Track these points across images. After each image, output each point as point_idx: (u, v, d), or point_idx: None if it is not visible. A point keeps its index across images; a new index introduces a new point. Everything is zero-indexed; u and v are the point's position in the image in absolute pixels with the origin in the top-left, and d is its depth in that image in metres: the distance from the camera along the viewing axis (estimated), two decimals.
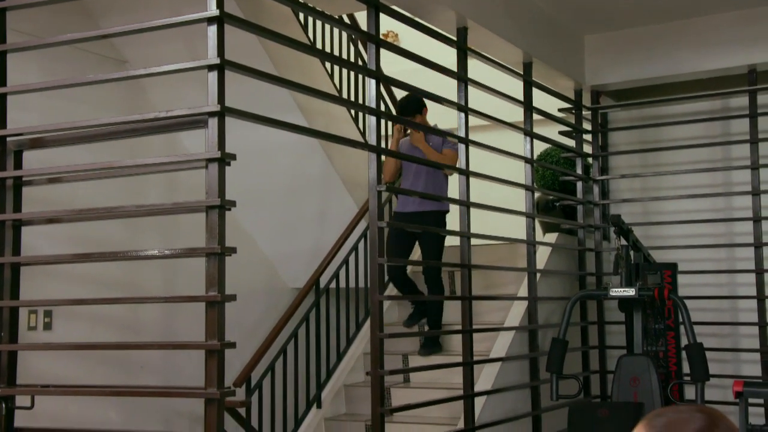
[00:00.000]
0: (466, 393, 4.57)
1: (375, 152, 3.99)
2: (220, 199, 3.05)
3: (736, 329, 5.85)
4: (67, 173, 3.36)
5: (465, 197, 4.64)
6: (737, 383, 3.97)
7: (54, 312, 4.60)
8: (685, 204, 6.06)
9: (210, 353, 3.06)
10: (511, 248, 5.93)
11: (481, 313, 5.50)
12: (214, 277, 3.07)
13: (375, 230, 3.95)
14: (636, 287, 4.69)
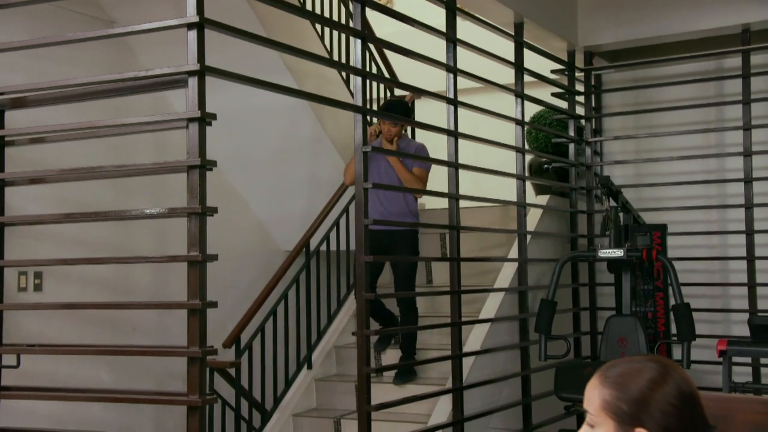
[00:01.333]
0: (454, 353, 4.60)
1: (361, 113, 3.97)
2: (201, 158, 3.04)
3: (726, 290, 5.87)
4: (50, 133, 3.35)
5: (453, 159, 4.64)
6: (721, 342, 4.00)
7: (44, 274, 4.62)
8: (678, 166, 6.04)
9: (192, 312, 3.07)
10: (503, 211, 5.93)
11: (472, 275, 5.52)
12: (196, 236, 3.07)
13: (360, 191, 3.95)
14: (624, 248, 4.70)
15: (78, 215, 3.37)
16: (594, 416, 1.55)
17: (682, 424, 1.50)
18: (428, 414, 4.79)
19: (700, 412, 1.53)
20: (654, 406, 1.50)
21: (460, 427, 4.56)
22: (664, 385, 1.51)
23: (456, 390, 4.58)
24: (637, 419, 1.51)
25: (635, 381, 1.53)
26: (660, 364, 1.56)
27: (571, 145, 5.98)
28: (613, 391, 1.53)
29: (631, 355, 1.66)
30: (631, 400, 1.51)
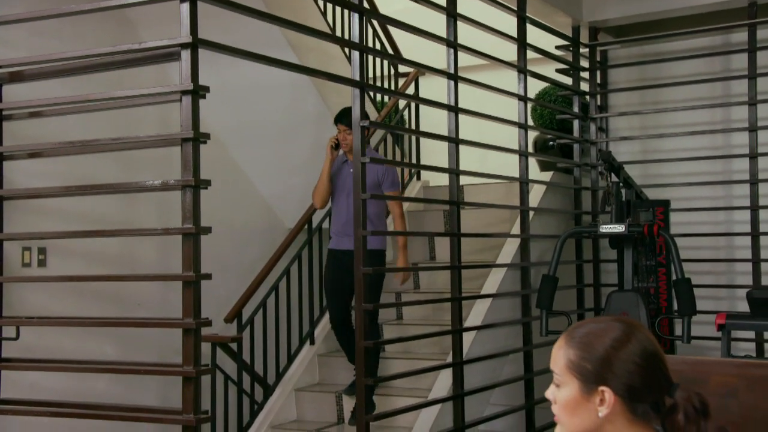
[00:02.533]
0: (455, 328, 4.62)
1: (359, 87, 3.98)
2: (194, 131, 3.06)
3: (731, 267, 5.84)
4: (47, 106, 3.38)
5: (454, 134, 4.63)
6: (720, 316, 3.99)
7: (48, 249, 4.66)
8: (683, 142, 6.00)
9: (186, 284, 3.10)
10: (508, 188, 5.92)
11: (475, 252, 5.52)
12: (190, 209, 3.10)
13: (358, 166, 3.95)
14: (626, 224, 4.69)
15: (74, 188, 3.40)
16: (559, 376, 1.57)
17: (645, 382, 1.51)
18: (428, 389, 4.81)
19: (664, 370, 1.54)
20: (617, 365, 1.51)
21: (460, 401, 4.57)
22: (627, 344, 1.52)
23: (456, 365, 4.60)
24: (601, 378, 1.52)
25: (599, 341, 1.54)
26: (624, 324, 1.57)
27: (576, 121, 5.96)
28: (578, 351, 1.54)
29: (598, 317, 1.66)
30: (595, 359, 1.52)
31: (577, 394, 1.54)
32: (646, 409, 1.53)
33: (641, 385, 1.51)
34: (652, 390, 1.53)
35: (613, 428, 1.54)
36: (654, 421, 1.56)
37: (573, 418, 1.55)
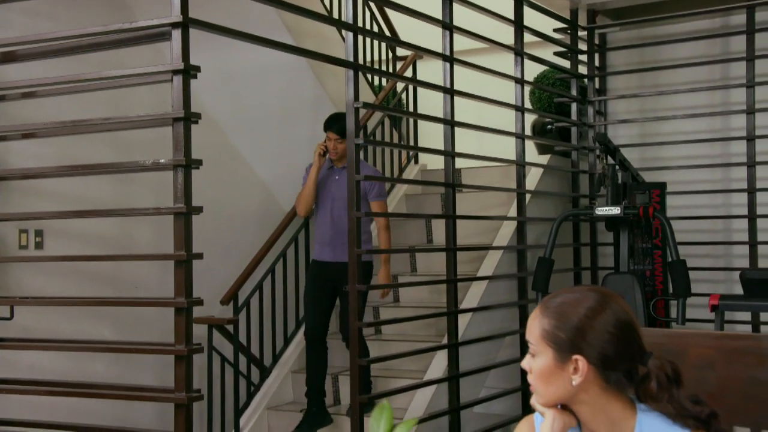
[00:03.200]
0: (450, 310, 4.63)
1: (352, 68, 3.98)
2: (185, 111, 3.07)
3: (729, 250, 5.84)
4: (40, 86, 3.38)
5: (449, 116, 4.63)
6: (713, 297, 3.99)
7: (45, 232, 4.68)
8: (682, 125, 5.99)
9: (178, 263, 3.12)
10: (506, 172, 5.91)
11: (471, 235, 5.53)
12: (181, 189, 3.11)
13: (352, 147, 3.96)
14: (622, 206, 4.69)
15: (67, 167, 3.41)
16: (534, 345, 1.58)
17: (618, 351, 1.53)
18: (424, 371, 4.83)
19: (637, 339, 1.55)
20: (591, 334, 1.52)
21: (455, 382, 4.60)
22: (601, 313, 1.53)
23: (451, 346, 4.62)
24: (575, 347, 1.53)
25: (574, 310, 1.55)
26: (599, 294, 1.57)
27: (574, 104, 5.95)
28: (552, 321, 1.56)
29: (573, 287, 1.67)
30: (569, 328, 1.53)
31: (551, 363, 1.55)
32: (619, 377, 1.54)
33: (614, 354, 1.53)
34: (625, 359, 1.54)
35: (587, 396, 1.55)
36: (627, 389, 1.57)
37: (548, 386, 1.57)
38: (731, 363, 1.75)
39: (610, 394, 1.55)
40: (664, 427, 1.52)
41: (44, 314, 4.50)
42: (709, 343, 1.78)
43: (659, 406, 1.53)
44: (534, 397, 1.62)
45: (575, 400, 1.56)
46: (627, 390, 1.57)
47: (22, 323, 4.38)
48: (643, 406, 1.56)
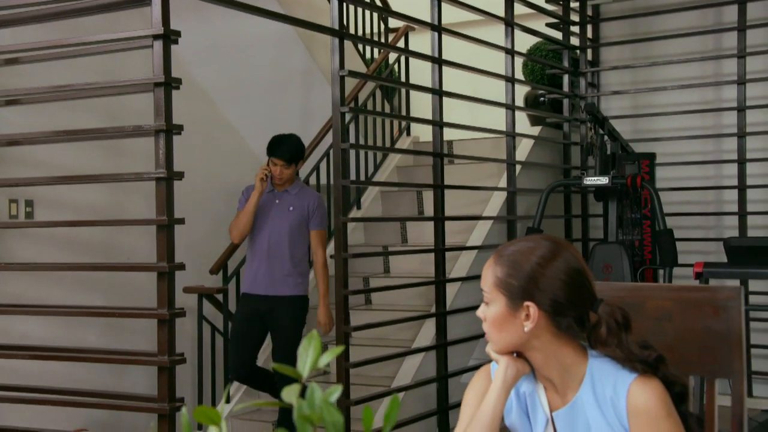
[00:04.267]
0: (438, 279, 4.66)
1: (338, 37, 3.98)
2: (165, 76, 3.08)
3: (720, 221, 5.85)
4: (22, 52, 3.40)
5: (438, 86, 4.64)
6: (698, 265, 4.01)
7: (35, 202, 4.71)
8: (674, 96, 5.98)
9: (160, 228, 3.15)
10: (498, 144, 5.91)
11: (462, 206, 5.54)
12: (162, 155, 3.13)
13: (337, 118, 3.97)
14: (610, 176, 4.70)
15: (52, 133, 3.43)
16: (488, 293, 1.60)
17: (569, 297, 1.55)
18: (412, 340, 4.87)
19: (588, 286, 1.57)
20: (543, 282, 1.54)
21: (443, 351, 4.63)
22: (553, 261, 1.55)
23: (439, 315, 4.65)
24: (526, 293, 1.55)
25: (526, 259, 1.57)
26: (551, 242, 1.59)
27: (566, 76, 5.94)
28: (505, 269, 1.58)
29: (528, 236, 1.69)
30: (521, 276, 1.55)
31: (504, 310, 1.57)
32: (570, 323, 1.57)
33: (565, 301, 1.55)
34: (576, 305, 1.56)
35: (539, 343, 1.57)
36: (579, 335, 1.59)
37: (501, 333, 1.59)
38: (687, 314, 1.77)
39: (561, 340, 1.57)
40: (612, 371, 1.55)
41: (35, 283, 4.54)
42: (666, 296, 1.80)
43: (608, 351, 1.56)
44: (488, 346, 1.65)
45: (528, 346, 1.58)
46: (579, 337, 1.60)
47: (12, 292, 4.42)
48: (594, 352, 1.59)
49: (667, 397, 1.52)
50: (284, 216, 4.48)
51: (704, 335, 1.75)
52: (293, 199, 4.53)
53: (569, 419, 1.58)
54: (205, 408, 0.95)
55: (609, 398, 1.53)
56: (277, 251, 4.44)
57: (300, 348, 1.00)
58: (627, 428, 1.52)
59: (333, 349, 0.98)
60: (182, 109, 4.87)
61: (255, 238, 4.52)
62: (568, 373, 1.58)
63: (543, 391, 1.63)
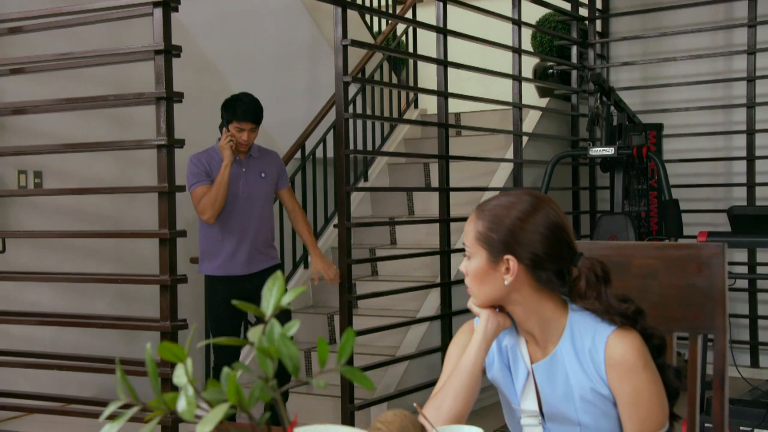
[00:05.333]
0: (442, 249, 4.68)
1: (340, 5, 3.98)
2: (165, 43, 3.09)
3: (729, 193, 5.82)
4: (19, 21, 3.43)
5: (443, 57, 4.63)
6: (701, 234, 3.98)
7: (44, 173, 4.77)
8: (684, 68, 5.94)
9: (161, 195, 3.17)
10: (505, 115, 5.90)
11: (469, 178, 5.54)
12: (162, 121, 3.15)
13: (340, 86, 3.98)
14: (616, 146, 4.68)
15: (53, 102, 3.46)
16: (470, 248, 1.61)
17: (548, 251, 1.56)
18: (417, 310, 4.89)
19: (568, 241, 1.58)
20: (523, 235, 1.55)
21: (447, 320, 4.66)
22: (534, 216, 1.56)
23: (444, 285, 4.68)
24: (506, 247, 1.56)
25: (507, 213, 1.58)
26: (532, 197, 1.60)
27: (574, 47, 5.90)
28: (486, 223, 1.58)
29: (510, 191, 1.70)
30: (502, 230, 1.56)
31: (485, 264, 1.58)
32: (550, 276, 1.58)
33: (545, 254, 1.56)
34: (556, 259, 1.57)
35: (520, 296, 1.59)
36: (560, 289, 1.60)
37: (482, 287, 1.60)
38: (672, 272, 1.77)
39: (541, 293, 1.59)
40: (592, 324, 1.56)
41: (44, 254, 4.60)
42: (651, 254, 1.81)
43: (588, 304, 1.57)
44: (470, 301, 1.66)
45: (508, 300, 1.60)
46: (559, 291, 1.61)
47: (22, 262, 4.49)
48: (574, 306, 1.60)
49: (644, 349, 1.54)
50: (258, 184, 4.02)
51: (688, 292, 1.75)
52: (261, 164, 4.07)
53: (549, 371, 1.59)
54: (169, 344, 0.97)
55: (588, 350, 1.54)
56: (259, 225, 4.01)
57: (264, 289, 1.02)
58: (605, 380, 1.54)
59: (295, 289, 0.99)
60: (190, 80, 4.93)
61: (228, 215, 3.95)
62: (548, 326, 1.59)
63: (524, 344, 1.64)
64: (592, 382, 1.55)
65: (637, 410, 1.52)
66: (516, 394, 1.65)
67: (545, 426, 1.62)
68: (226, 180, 3.88)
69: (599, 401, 1.55)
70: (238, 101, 4.01)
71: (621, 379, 1.52)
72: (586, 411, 1.56)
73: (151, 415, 0.99)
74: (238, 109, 3.97)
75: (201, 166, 3.94)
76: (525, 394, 1.63)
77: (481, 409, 4.87)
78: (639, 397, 1.52)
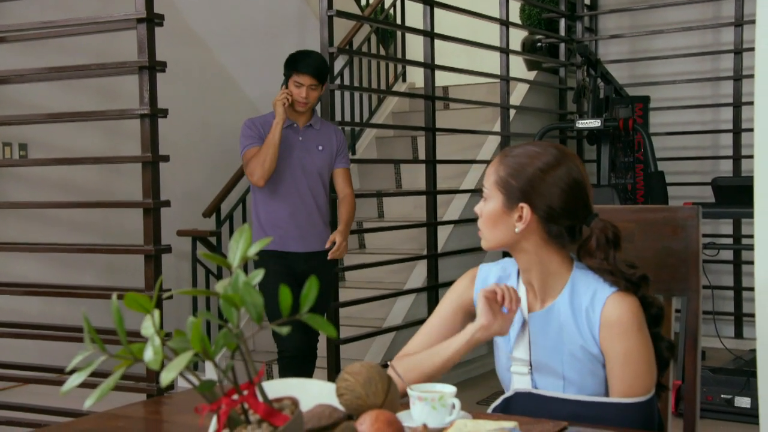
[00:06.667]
0: (429, 221, 4.70)
1: None
2: (147, 12, 3.07)
3: (717, 165, 5.84)
4: None
5: (429, 28, 4.61)
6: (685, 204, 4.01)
7: (29, 146, 4.75)
8: (672, 41, 5.93)
9: (144, 166, 3.17)
10: (494, 88, 5.89)
11: (457, 151, 5.55)
12: (145, 91, 3.14)
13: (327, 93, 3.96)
14: (602, 119, 4.69)
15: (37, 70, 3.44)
16: (488, 190, 1.63)
17: (564, 207, 1.57)
18: (404, 283, 4.91)
19: (585, 199, 1.59)
20: (541, 187, 1.56)
21: (434, 293, 4.68)
22: (556, 169, 1.57)
23: (430, 257, 4.69)
24: (523, 195, 1.57)
25: (531, 162, 1.59)
26: (558, 151, 1.61)
27: (562, 20, 5.89)
28: (508, 169, 1.60)
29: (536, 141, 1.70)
30: (522, 178, 1.58)
31: (499, 208, 1.60)
32: (561, 231, 1.59)
33: (559, 209, 1.57)
34: (570, 215, 1.58)
35: (528, 245, 1.60)
36: (569, 246, 1.61)
37: (493, 230, 1.62)
38: (648, 234, 1.79)
39: (549, 246, 1.60)
40: (594, 283, 1.57)
41: (30, 227, 4.59)
42: (628, 217, 1.82)
43: (594, 264, 1.58)
44: (482, 243, 1.68)
45: (516, 247, 1.62)
46: (568, 247, 1.62)
47: (8, 235, 4.48)
48: (580, 264, 1.61)
49: (641, 314, 1.55)
50: (314, 157, 3.66)
51: (663, 255, 1.77)
52: (320, 137, 3.70)
53: (543, 322, 1.61)
54: (136, 295, 0.98)
55: (584, 308, 1.56)
56: (313, 200, 3.65)
57: (231, 241, 1.03)
58: (597, 339, 1.55)
59: (262, 240, 1.00)
60: (175, 53, 4.90)
61: (279, 183, 3.62)
62: (550, 279, 1.61)
63: (525, 293, 1.66)
64: (583, 340, 1.56)
65: (625, 371, 1.54)
66: (509, 341, 1.67)
67: (533, 376, 1.64)
68: (278, 139, 3.53)
69: (587, 359, 1.57)
70: (300, 53, 3.64)
71: (614, 338, 1.53)
72: (572, 367, 1.58)
73: (118, 366, 1.00)
74: (299, 62, 3.59)
75: (255, 129, 3.66)
76: (518, 342, 1.65)
77: (470, 379, 4.92)
78: (629, 358, 1.53)
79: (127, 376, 3.19)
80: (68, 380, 0.98)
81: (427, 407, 1.37)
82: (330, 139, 3.71)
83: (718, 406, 3.91)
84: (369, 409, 1.10)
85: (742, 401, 3.85)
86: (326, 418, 1.03)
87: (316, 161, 3.65)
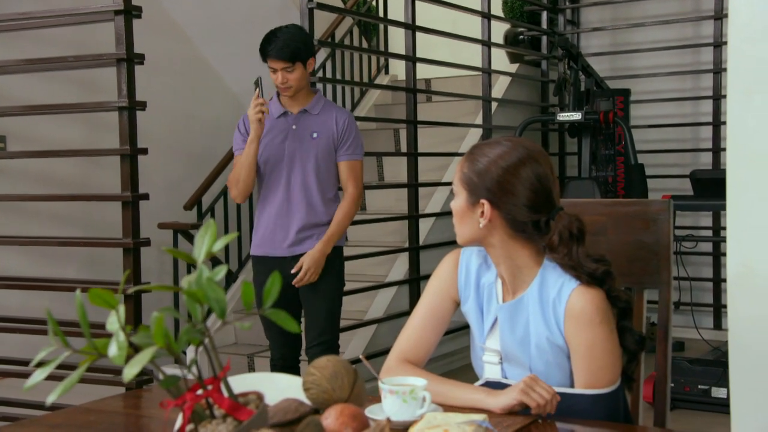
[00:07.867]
0: (410, 214, 4.70)
1: None
2: (125, 3, 3.06)
3: (697, 158, 5.88)
4: None
5: (411, 20, 4.61)
6: (664, 197, 4.04)
7: (8, 138, 4.71)
8: (653, 34, 5.95)
9: (123, 158, 3.16)
10: (476, 81, 5.90)
11: (439, 144, 5.55)
12: (123, 83, 3.12)
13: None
14: (583, 111, 4.71)
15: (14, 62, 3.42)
16: (455, 186, 1.66)
17: (526, 203, 1.59)
18: (386, 276, 4.92)
19: (548, 195, 1.60)
20: (503, 185, 1.58)
21: (415, 285, 4.69)
22: (520, 168, 1.58)
23: (412, 249, 4.71)
24: (484, 191, 1.59)
25: (494, 162, 1.60)
26: (524, 149, 1.62)
27: (544, 13, 5.90)
28: (472, 166, 1.62)
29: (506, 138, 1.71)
30: (485, 176, 1.59)
31: (464, 204, 1.63)
32: (526, 226, 1.60)
33: (522, 205, 1.58)
34: (532, 211, 1.59)
35: (494, 239, 1.62)
36: (538, 239, 1.62)
37: (461, 226, 1.65)
38: (620, 228, 1.80)
39: (516, 241, 1.61)
40: (561, 277, 1.58)
41: (11, 220, 4.56)
42: (601, 211, 1.84)
43: (558, 259, 1.59)
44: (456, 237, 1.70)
45: (485, 242, 1.64)
46: (538, 241, 1.63)
47: None
48: (550, 257, 1.63)
49: (605, 307, 1.57)
50: (306, 146, 3.21)
51: (635, 248, 1.78)
52: (316, 123, 3.23)
53: (512, 313, 1.63)
54: (99, 290, 0.98)
55: (552, 300, 1.58)
56: (305, 197, 3.21)
57: (197, 236, 1.03)
58: (562, 331, 1.57)
59: (228, 235, 1.00)
60: (156, 45, 4.87)
61: (269, 182, 3.25)
62: (519, 273, 1.63)
63: (500, 285, 1.68)
64: (549, 332, 1.58)
65: (588, 363, 1.56)
66: (483, 332, 1.68)
67: (503, 366, 1.66)
68: (251, 159, 3.14)
69: (553, 351, 1.59)
70: (267, 36, 3.21)
71: (577, 330, 1.55)
72: (539, 358, 1.60)
73: (83, 362, 1.00)
74: (265, 46, 3.19)
75: (242, 130, 3.28)
76: (492, 332, 1.67)
77: (450, 371, 4.94)
78: (592, 350, 1.55)
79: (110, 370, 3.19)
80: (32, 375, 0.99)
81: (398, 400, 1.38)
82: (328, 125, 3.23)
83: (695, 396, 3.95)
84: (335, 403, 1.11)
85: (719, 392, 3.89)
86: (292, 412, 1.04)
87: (309, 151, 3.20)
